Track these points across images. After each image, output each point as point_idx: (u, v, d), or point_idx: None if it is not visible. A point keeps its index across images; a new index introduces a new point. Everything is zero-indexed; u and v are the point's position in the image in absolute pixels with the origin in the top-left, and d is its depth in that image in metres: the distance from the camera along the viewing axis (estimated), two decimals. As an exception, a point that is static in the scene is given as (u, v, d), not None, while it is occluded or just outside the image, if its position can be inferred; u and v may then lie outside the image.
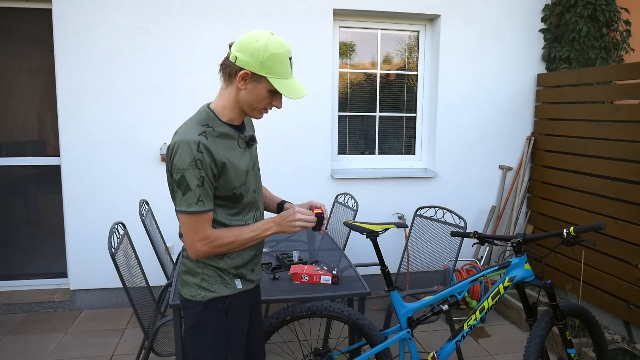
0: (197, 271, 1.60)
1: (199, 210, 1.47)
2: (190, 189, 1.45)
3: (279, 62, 1.48)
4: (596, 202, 3.56)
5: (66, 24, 3.52)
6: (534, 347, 2.09)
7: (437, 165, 4.22)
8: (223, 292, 1.60)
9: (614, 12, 4.04)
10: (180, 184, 1.46)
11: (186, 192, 1.46)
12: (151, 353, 2.31)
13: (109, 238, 2.21)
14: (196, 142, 1.44)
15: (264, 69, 1.47)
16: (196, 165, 1.44)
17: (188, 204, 1.46)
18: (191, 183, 1.45)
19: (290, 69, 1.52)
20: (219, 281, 1.60)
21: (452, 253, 2.93)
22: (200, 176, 1.45)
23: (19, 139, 3.82)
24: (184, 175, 1.44)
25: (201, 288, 1.59)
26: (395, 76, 4.29)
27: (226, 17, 3.73)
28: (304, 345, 3.28)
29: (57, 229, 3.94)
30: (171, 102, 3.73)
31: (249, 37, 1.48)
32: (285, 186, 3.98)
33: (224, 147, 1.53)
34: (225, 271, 1.61)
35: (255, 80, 1.49)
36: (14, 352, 3.12)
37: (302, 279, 2.39)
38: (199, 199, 1.46)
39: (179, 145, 1.45)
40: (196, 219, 1.48)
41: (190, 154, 1.43)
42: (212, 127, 1.52)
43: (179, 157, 1.44)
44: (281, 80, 1.50)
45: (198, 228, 1.49)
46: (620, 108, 3.36)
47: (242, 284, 1.65)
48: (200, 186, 1.46)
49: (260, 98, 1.52)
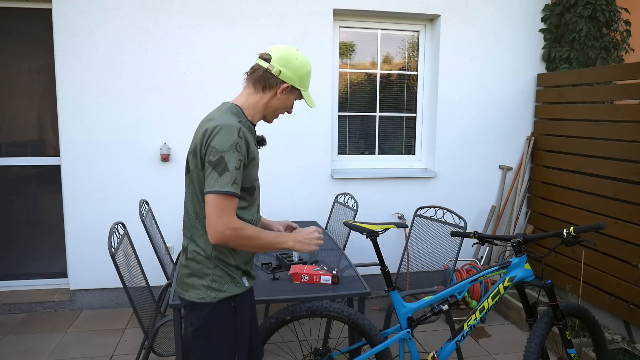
0: (207, 272, 1.60)
1: (233, 192, 1.49)
2: (228, 170, 1.49)
3: (309, 78, 1.72)
4: (596, 202, 3.56)
5: (66, 24, 3.52)
6: (534, 347, 2.09)
7: (437, 165, 4.22)
8: (234, 291, 1.62)
9: (614, 12, 4.04)
10: (217, 164, 1.48)
11: (223, 172, 1.48)
12: (151, 353, 2.31)
13: (109, 238, 2.21)
14: (237, 128, 1.51)
15: (301, 83, 1.68)
16: (236, 149, 1.50)
17: (223, 184, 1.48)
18: (230, 165, 1.49)
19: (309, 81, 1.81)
20: (229, 280, 1.62)
21: (452, 253, 2.93)
22: (239, 159, 1.51)
23: (19, 139, 3.82)
24: (222, 157, 1.48)
25: (211, 289, 1.59)
26: (395, 76, 4.29)
27: (226, 17, 3.73)
28: (304, 345, 3.28)
29: (57, 229, 3.94)
30: (171, 102, 3.73)
31: (288, 54, 1.65)
32: (285, 186, 3.98)
33: (251, 139, 1.62)
34: (235, 269, 1.63)
35: (290, 92, 1.68)
36: (14, 352, 3.12)
37: (302, 279, 2.39)
38: (234, 181, 1.49)
39: (220, 128, 1.50)
40: (227, 201, 1.49)
41: (231, 137, 1.49)
42: (242, 120, 1.62)
43: (219, 139, 1.49)
44: (307, 92, 1.72)
45: (226, 211, 1.49)
46: (620, 108, 3.36)
47: (248, 281, 1.70)
48: (237, 169, 1.50)
49: (288, 106, 1.70)
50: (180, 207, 3.84)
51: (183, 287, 1.65)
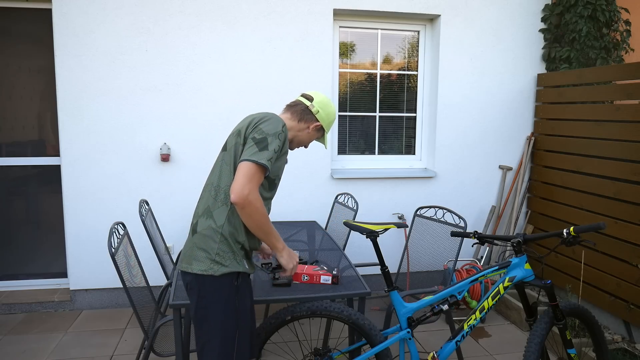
0: (212, 246, 1.72)
1: (266, 165, 1.68)
2: (268, 149, 1.69)
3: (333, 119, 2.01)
4: (596, 202, 3.56)
5: (66, 24, 3.52)
6: (534, 347, 2.09)
7: (437, 165, 4.22)
8: (235, 267, 1.73)
9: (614, 12, 4.04)
10: (260, 142, 1.70)
11: (264, 150, 1.69)
12: (151, 353, 2.31)
13: (109, 238, 2.21)
14: (283, 122, 1.78)
15: (328, 127, 1.99)
16: (279, 137, 1.73)
17: (261, 157, 1.67)
18: (271, 146, 1.70)
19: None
20: (231, 257, 1.73)
21: (452, 253, 2.93)
22: (278, 145, 1.72)
23: (19, 139, 3.82)
24: (266, 138, 1.70)
25: (214, 262, 1.71)
26: (395, 76, 4.29)
27: (226, 17, 3.73)
28: (304, 345, 3.28)
29: (57, 229, 3.94)
30: (171, 102, 3.73)
31: (327, 101, 1.97)
32: (286, 186, 3.98)
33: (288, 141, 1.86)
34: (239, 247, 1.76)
35: (318, 130, 1.97)
36: (14, 352, 3.12)
37: (302, 279, 2.39)
38: (270, 159, 1.69)
39: (271, 117, 1.76)
40: (259, 171, 1.67)
41: (278, 127, 1.74)
42: None
43: (268, 124, 1.73)
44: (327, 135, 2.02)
45: (255, 178, 1.66)
46: (620, 108, 3.36)
47: (248, 266, 1.81)
48: (275, 152, 1.72)
49: (310, 141, 1.98)
50: (181, 207, 3.84)
51: (187, 260, 1.74)
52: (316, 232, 3.39)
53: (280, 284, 2.33)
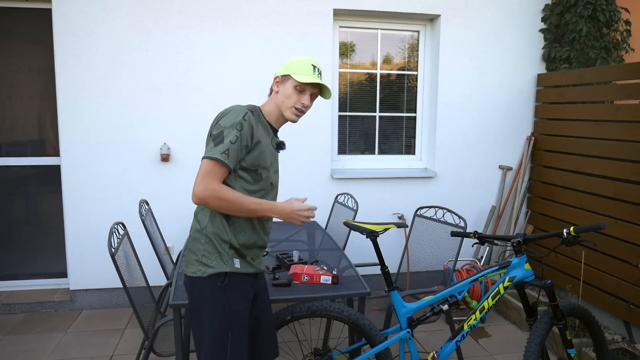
0: (198, 247, 1.72)
1: (220, 159, 1.62)
2: (223, 142, 1.63)
3: (298, 63, 1.78)
4: (596, 202, 3.56)
5: (66, 24, 3.52)
6: (534, 347, 2.09)
7: (437, 165, 4.22)
8: (222, 268, 1.69)
9: (614, 12, 4.04)
10: (216, 137, 1.65)
11: (218, 144, 1.63)
12: (151, 353, 2.31)
13: (109, 238, 2.21)
14: (244, 112, 1.69)
15: (288, 69, 1.78)
16: (236, 127, 1.65)
17: (214, 152, 1.63)
18: (227, 138, 1.63)
19: (311, 71, 1.77)
20: (217, 257, 1.70)
21: (452, 253, 2.93)
22: (236, 136, 1.64)
23: (19, 139, 3.82)
24: (222, 132, 1.64)
25: (201, 264, 1.70)
26: (395, 76, 4.29)
27: (226, 17, 3.73)
28: (304, 345, 3.28)
29: (57, 229, 3.94)
30: (171, 102, 3.73)
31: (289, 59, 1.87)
32: (286, 186, 3.98)
33: (262, 131, 1.76)
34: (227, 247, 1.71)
35: (284, 81, 1.78)
36: (14, 352, 3.12)
37: (302, 279, 2.39)
38: (224, 151, 1.62)
39: (230, 109, 1.69)
40: (213, 165, 1.62)
41: (235, 118, 1.66)
42: (258, 114, 1.79)
43: (226, 118, 1.67)
44: (301, 75, 1.75)
45: (209, 174, 1.62)
46: (620, 108, 3.36)
47: (242, 265, 1.75)
48: (232, 143, 1.64)
49: (288, 94, 1.77)
50: (181, 207, 3.84)
51: (185, 263, 1.77)
52: (316, 232, 3.39)
53: (280, 284, 2.33)
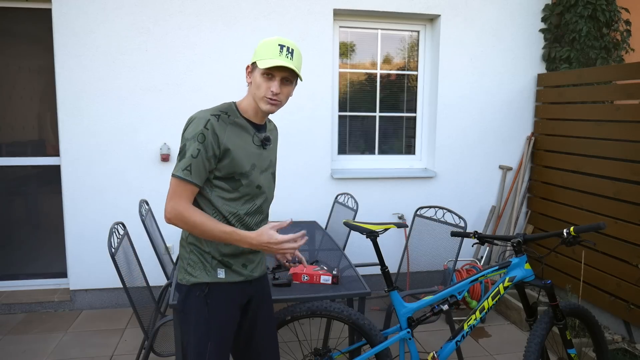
0: (185, 255, 1.71)
1: (183, 177, 1.56)
2: (185, 157, 1.57)
3: (265, 47, 1.61)
4: (596, 202, 3.56)
5: (66, 24, 3.52)
6: (534, 347, 2.09)
7: (437, 165, 4.22)
8: (203, 278, 1.66)
9: (614, 12, 4.04)
10: (180, 151, 1.59)
11: (181, 159, 1.58)
12: (151, 353, 2.31)
13: (109, 238, 2.21)
14: (205, 120, 1.58)
15: (255, 56, 1.63)
16: (198, 139, 1.56)
17: (178, 168, 1.58)
18: (188, 152, 1.57)
19: (277, 53, 1.59)
20: (201, 267, 1.67)
21: (452, 253, 2.93)
22: (197, 149, 1.56)
23: (19, 139, 3.82)
24: (185, 144, 1.58)
25: (186, 272, 1.69)
26: (395, 76, 4.29)
27: (226, 17, 3.73)
28: (304, 345, 3.28)
29: (57, 229, 3.94)
30: (171, 102, 3.73)
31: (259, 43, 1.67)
32: (286, 186, 3.98)
33: (233, 134, 1.63)
34: (207, 255, 1.67)
35: (253, 70, 1.65)
36: (14, 352, 3.12)
37: (302, 279, 2.39)
38: (186, 168, 1.56)
39: (190, 120, 1.60)
40: (178, 184, 1.58)
41: (197, 128, 1.57)
42: (230, 115, 1.65)
43: (189, 129, 1.59)
44: (265, 60, 1.59)
45: (175, 193, 1.58)
46: (620, 108, 3.36)
47: (227, 274, 1.69)
48: (194, 157, 1.56)
49: (257, 84, 1.62)
50: (180, 207, 3.83)
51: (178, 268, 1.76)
52: (316, 232, 3.39)
53: (280, 284, 2.33)
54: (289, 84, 1.65)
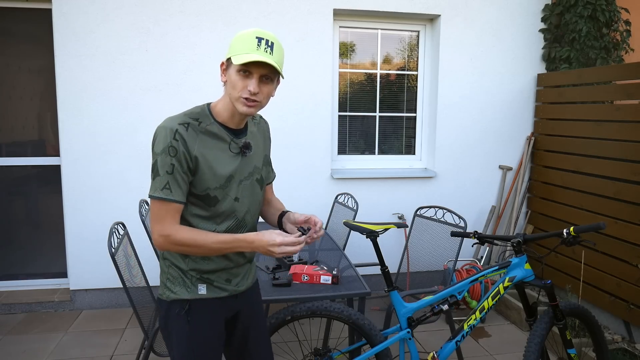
0: (164, 270, 1.60)
1: (162, 197, 1.43)
2: (159, 174, 1.44)
3: (241, 41, 1.42)
4: (596, 202, 3.56)
5: (66, 24, 3.52)
6: (534, 347, 2.09)
7: (437, 165, 4.22)
8: (183, 295, 1.55)
9: (614, 12, 4.04)
10: (152, 168, 1.45)
11: (155, 177, 1.44)
12: (151, 353, 2.31)
13: (109, 238, 2.21)
14: (173, 130, 1.43)
15: (230, 51, 1.45)
16: (169, 152, 1.42)
17: (154, 188, 1.45)
18: (161, 169, 1.43)
19: (255, 46, 1.41)
20: (181, 283, 1.56)
21: (452, 253, 2.93)
22: (171, 163, 1.43)
23: (19, 139, 3.82)
24: (156, 160, 1.44)
25: (166, 287, 1.58)
26: (395, 76, 4.29)
27: (226, 17, 3.73)
28: (304, 345, 3.28)
29: (57, 229, 3.94)
30: (171, 102, 3.73)
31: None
32: (286, 186, 3.98)
33: (205, 144, 1.48)
34: (186, 273, 1.56)
35: (228, 67, 1.47)
36: (14, 352, 3.12)
37: (302, 279, 2.39)
38: (165, 186, 1.43)
39: (158, 131, 1.45)
40: (159, 206, 1.44)
41: (165, 141, 1.42)
42: (201, 122, 1.49)
43: (156, 143, 1.44)
44: (241, 55, 1.41)
45: (159, 216, 1.45)
46: (620, 108, 3.36)
47: (208, 290, 1.57)
48: (169, 173, 1.43)
49: (233, 83, 1.44)
50: (180, 207, 3.84)
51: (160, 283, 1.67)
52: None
53: (280, 284, 2.33)
54: (269, 82, 1.46)
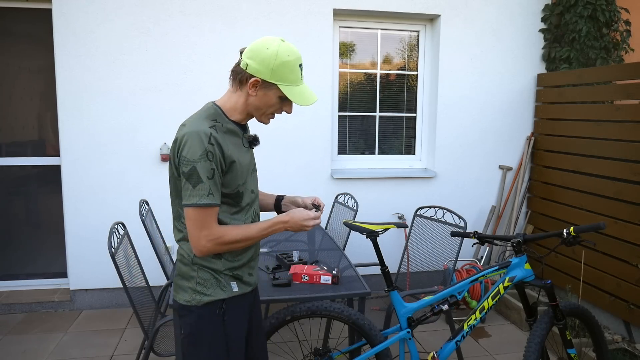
0: (192, 275, 1.55)
1: (209, 203, 1.44)
2: (202, 181, 1.43)
3: (289, 69, 1.49)
4: (596, 202, 3.56)
5: (66, 24, 3.52)
6: (534, 347, 2.09)
7: (437, 165, 4.22)
8: (219, 295, 1.55)
9: (614, 12, 4.04)
10: (190, 176, 1.43)
11: (197, 184, 1.43)
12: (151, 353, 2.31)
13: (109, 238, 2.21)
14: (207, 135, 1.44)
15: (275, 76, 1.48)
16: (207, 157, 1.42)
17: (199, 196, 1.43)
18: (202, 175, 1.42)
19: (300, 76, 1.53)
20: (215, 284, 1.55)
21: (452, 253, 2.93)
22: (211, 168, 1.43)
23: (19, 139, 3.82)
24: (195, 167, 1.42)
25: (196, 292, 1.54)
26: (395, 76, 4.29)
27: (226, 17, 3.73)
28: (304, 345, 3.28)
29: (57, 229, 3.94)
30: (171, 102, 3.74)
31: (260, 44, 1.49)
32: (286, 186, 3.98)
33: (231, 143, 1.52)
34: (220, 273, 1.56)
35: (265, 87, 1.50)
36: (14, 352, 3.12)
37: (302, 279, 2.39)
38: (209, 192, 1.44)
39: (189, 136, 1.43)
40: (205, 212, 1.45)
41: (201, 146, 1.42)
42: (221, 122, 1.52)
43: (189, 149, 1.42)
44: (292, 87, 1.51)
45: (205, 223, 1.45)
46: (620, 108, 3.36)
47: (239, 287, 1.61)
48: (210, 179, 1.44)
49: (270, 104, 1.53)
50: (180, 207, 3.84)
51: (175, 288, 1.62)
52: (316, 232, 3.39)
53: (280, 284, 2.33)
54: None
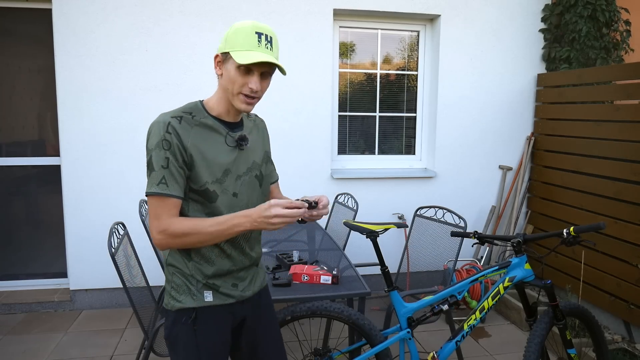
0: (169, 278, 1.54)
1: (160, 192, 1.39)
2: (155, 169, 1.40)
3: (241, 35, 1.40)
4: (596, 202, 3.56)
5: (66, 24, 3.52)
6: (534, 347, 2.09)
7: (437, 165, 4.22)
8: (188, 303, 1.50)
9: (614, 12, 4.04)
10: (148, 165, 1.42)
11: (151, 172, 1.41)
12: (151, 353, 2.31)
13: (109, 238, 2.21)
14: (166, 123, 1.41)
15: (227, 44, 1.42)
16: (162, 146, 1.40)
17: (150, 184, 1.41)
18: (156, 164, 1.40)
19: (256, 43, 1.40)
20: (186, 291, 1.51)
21: (452, 253, 2.93)
22: (166, 157, 1.40)
23: (19, 139, 3.82)
24: (151, 156, 1.41)
25: (171, 297, 1.53)
26: (395, 76, 4.29)
27: (226, 17, 3.73)
28: (304, 345, 3.28)
29: (57, 229, 3.94)
30: (171, 102, 3.73)
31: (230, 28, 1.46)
32: (286, 186, 3.98)
33: (201, 137, 1.46)
34: (191, 278, 1.51)
35: (226, 61, 1.44)
36: (14, 352, 3.12)
37: (302, 279, 2.39)
38: (161, 181, 1.40)
39: (151, 127, 1.43)
40: (157, 202, 1.40)
41: (158, 135, 1.40)
42: (195, 115, 1.47)
43: (149, 138, 1.43)
44: (242, 52, 1.39)
45: (156, 213, 1.41)
46: (620, 108, 3.36)
47: (216, 298, 1.52)
48: (165, 168, 1.40)
49: (233, 79, 1.42)
50: (180, 207, 3.84)
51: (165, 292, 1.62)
52: (316, 232, 3.39)
53: (280, 284, 2.33)
54: (267, 76, 1.46)
